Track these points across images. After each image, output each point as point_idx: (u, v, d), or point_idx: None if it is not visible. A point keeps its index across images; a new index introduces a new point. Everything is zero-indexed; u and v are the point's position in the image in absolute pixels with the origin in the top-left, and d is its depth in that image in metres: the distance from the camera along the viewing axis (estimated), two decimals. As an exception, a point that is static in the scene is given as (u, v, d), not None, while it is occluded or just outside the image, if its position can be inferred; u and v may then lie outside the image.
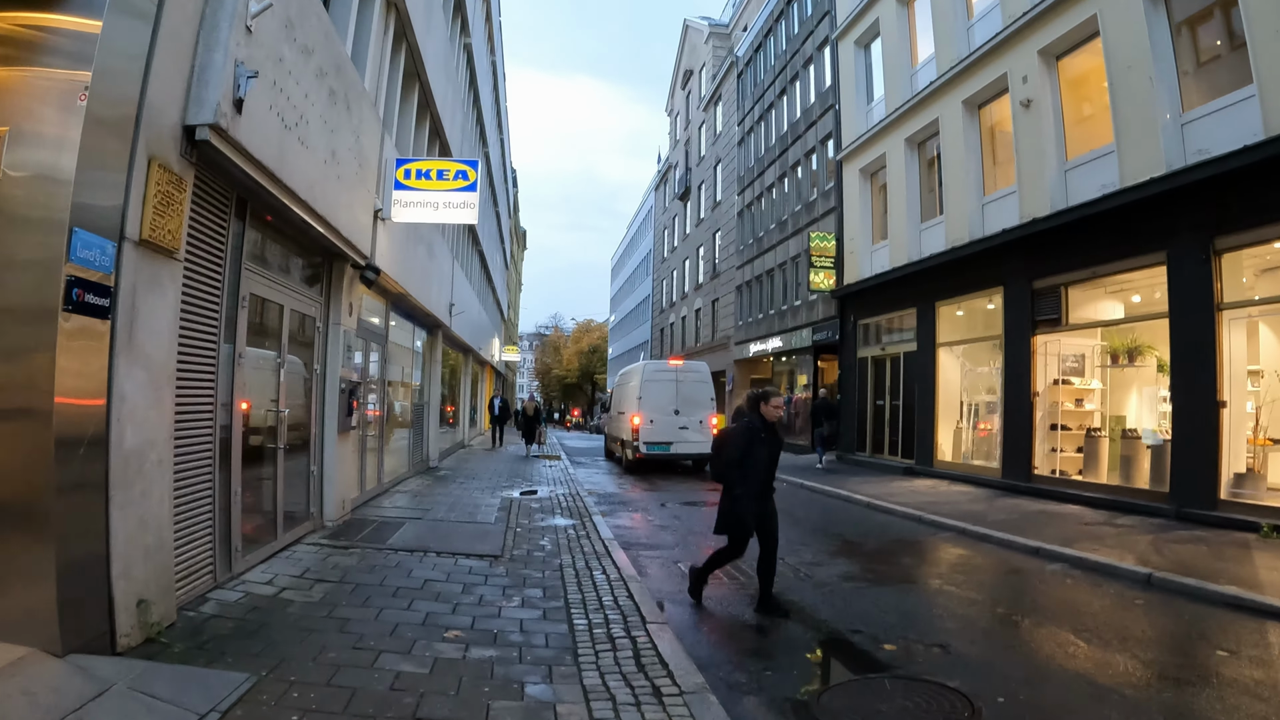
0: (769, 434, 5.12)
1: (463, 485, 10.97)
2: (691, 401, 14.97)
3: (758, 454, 4.99)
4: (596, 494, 11.28)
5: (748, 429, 5.04)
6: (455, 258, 14.63)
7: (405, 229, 9.07)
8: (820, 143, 19.27)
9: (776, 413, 5.16)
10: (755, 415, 5.12)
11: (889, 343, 15.83)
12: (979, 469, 12.75)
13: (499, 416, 20.93)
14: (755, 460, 4.98)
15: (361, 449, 8.50)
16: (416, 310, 11.15)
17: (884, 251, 16.03)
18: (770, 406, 5.14)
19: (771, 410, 5.14)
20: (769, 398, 5.19)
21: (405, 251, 9.19)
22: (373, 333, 8.88)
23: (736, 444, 5.03)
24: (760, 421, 5.09)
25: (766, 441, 5.08)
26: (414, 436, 11.93)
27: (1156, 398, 10.12)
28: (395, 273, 8.62)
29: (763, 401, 5.16)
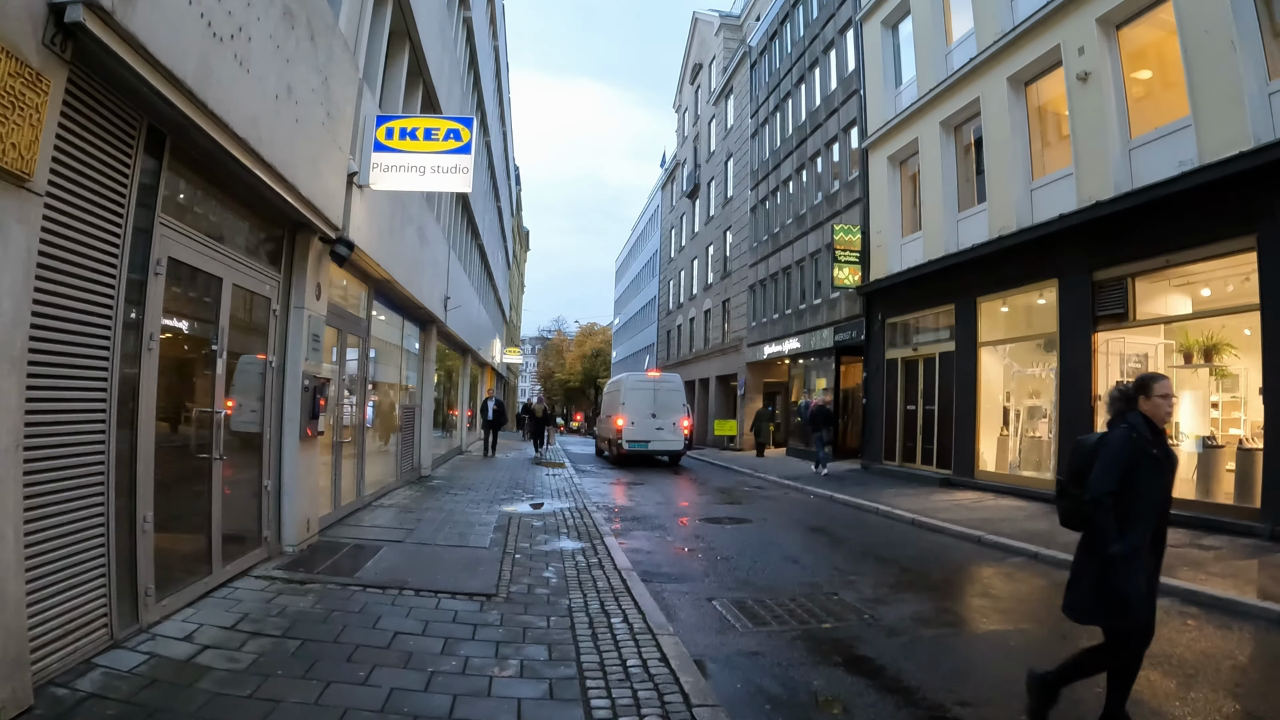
0: (1161, 449, 3.04)
1: (456, 498, 9.77)
2: (666, 407, 17.37)
3: (1149, 483, 2.94)
4: (607, 508, 10.07)
5: (1128, 440, 2.98)
6: (452, 248, 13.46)
7: (390, 203, 7.90)
8: (843, 131, 18.10)
9: (1168, 410, 3.07)
10: (1136, 415, 3.06)
11: (922, 342, 14.61)
12: (1028, 481, 11.52)
13: (493, 420, 17.45)
14: (1146, 492, 2.94)
15: (335, 457, 7.30)
16: (406, 302, 9.97)
17: (916, 244, 14.83)
18: (1157, 398, 3.05)
19: (1160, 406, 3.05)
20: (1152, 384, 3.07)
21: (390, 229, 8.02)
22: (350, 322, 7.69)
23: (1112, 465, 2.94)
24: (1147, 427, 3.03)
25: (1160, 463, 3.00)
26: (403, 442, 10.73)
27: (1235, 400, 8.97)
28: (377, 253, 7.44)
29: (1143, 394, 3.08)
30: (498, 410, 17.54)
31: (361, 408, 8.20)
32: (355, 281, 7.86)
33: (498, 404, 17.79)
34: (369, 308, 8.33)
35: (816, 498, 11.99)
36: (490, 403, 17.64)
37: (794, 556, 7.08)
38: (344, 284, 7.65)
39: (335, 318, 7.07)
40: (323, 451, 6.97)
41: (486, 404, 17.81)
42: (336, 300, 7.22)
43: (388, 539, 6.61)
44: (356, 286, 8.04)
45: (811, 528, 8.97)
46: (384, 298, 9.22)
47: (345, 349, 7.51)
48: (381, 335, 10.03)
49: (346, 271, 7.42)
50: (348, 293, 7.82)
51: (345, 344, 7.43)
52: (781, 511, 10.41)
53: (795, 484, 13.52)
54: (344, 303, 7.56)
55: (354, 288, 8.00)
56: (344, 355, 7.46)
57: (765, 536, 8.19)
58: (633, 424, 17.11)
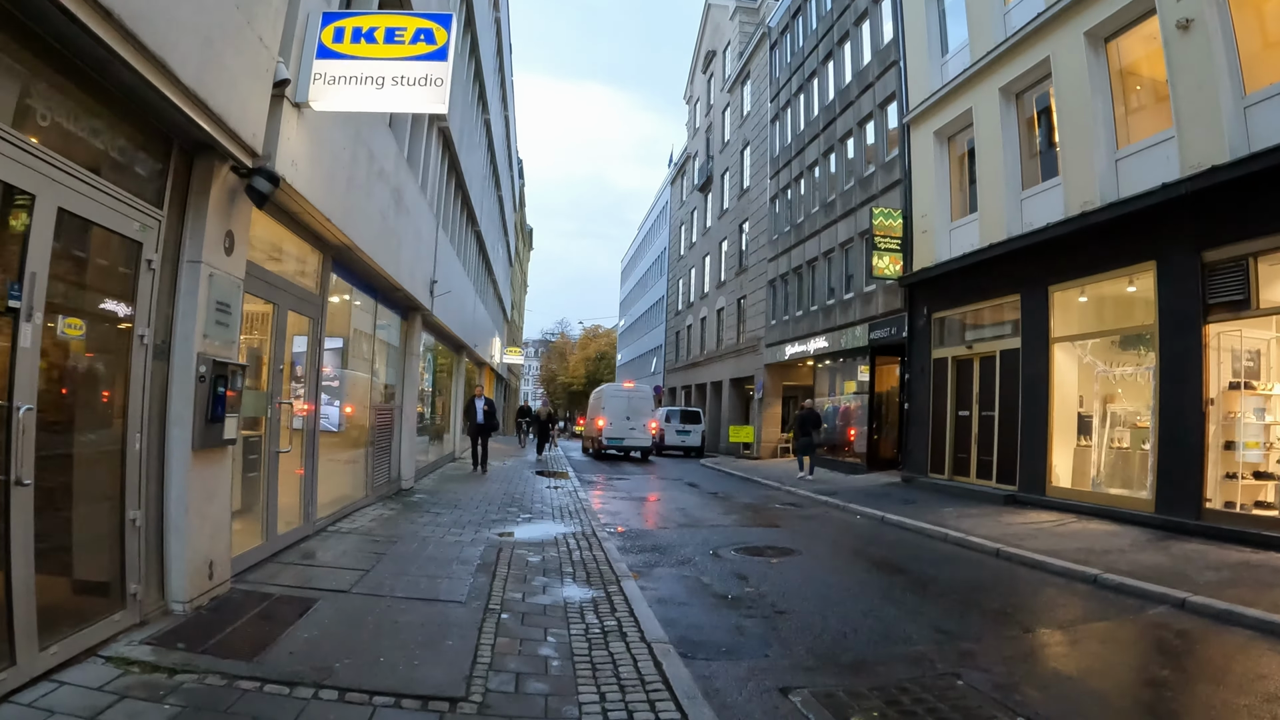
0: None
1: (438, 519, 8.00)
2: (638, 412, 21.32)
3: None
4: (618, 530, 8.28)
5: None
6: (441, 226, 11.73)
7: (350, 144, 6.16)
8: (879, 107, 16.35)
9: None
10: None
11: (978, 339, 12.81)
12: (1118, 500, 9.71)
13: (483, 424, 13.61)
14: None
15: (268, 471, 5.54)
16: (379, 281, 8.23)
17: (969, 228, 13.06)
18: None
19: None
20: None
21: (351, 180, 6.27)
22: (296, 297, 5.94)
23: None
24: None
25: None
26: (377, 450, 8.97)
27: None
28: (330, 205, 5.70)
29: None
30: (489, 412, 13.70)
31: (313, 407, 6.44)
32: (302, 244, 6.12)
33: (488, 404, 13.77)
34: (325, 281, 6.58)
35: (864, 518, 10.19)
36: (479, 403, 13.58)
37: (872, 608, 5.31)
38: (284, 246, 5.91)
39: (266, 286, 5.32)
40: (245, 466, 5.22)
41: (474, 404, 13.63)
42: (268, 262, 5.47)
43: (329, 586, 4.83)
44: (305, 251, 6.30)
45: (876, 561, 7.19)
46: (348, 272, 7.48)
47: (286, 331, 5.75)
48: (348, 319, 8.29)
49: (287, 228, 5.68)
50: (289, 256, 6.08)
51: (283, 323, 5.68)
52: (829, 537, 8.62)
53: (833, 499, 11.73)
54: (282, 268, 5.82)
55: (302, 252, 6.26)
56: (284, 337, 5.70)
57: (823, 575, 6.40)
58: (611, 425, 21.07)
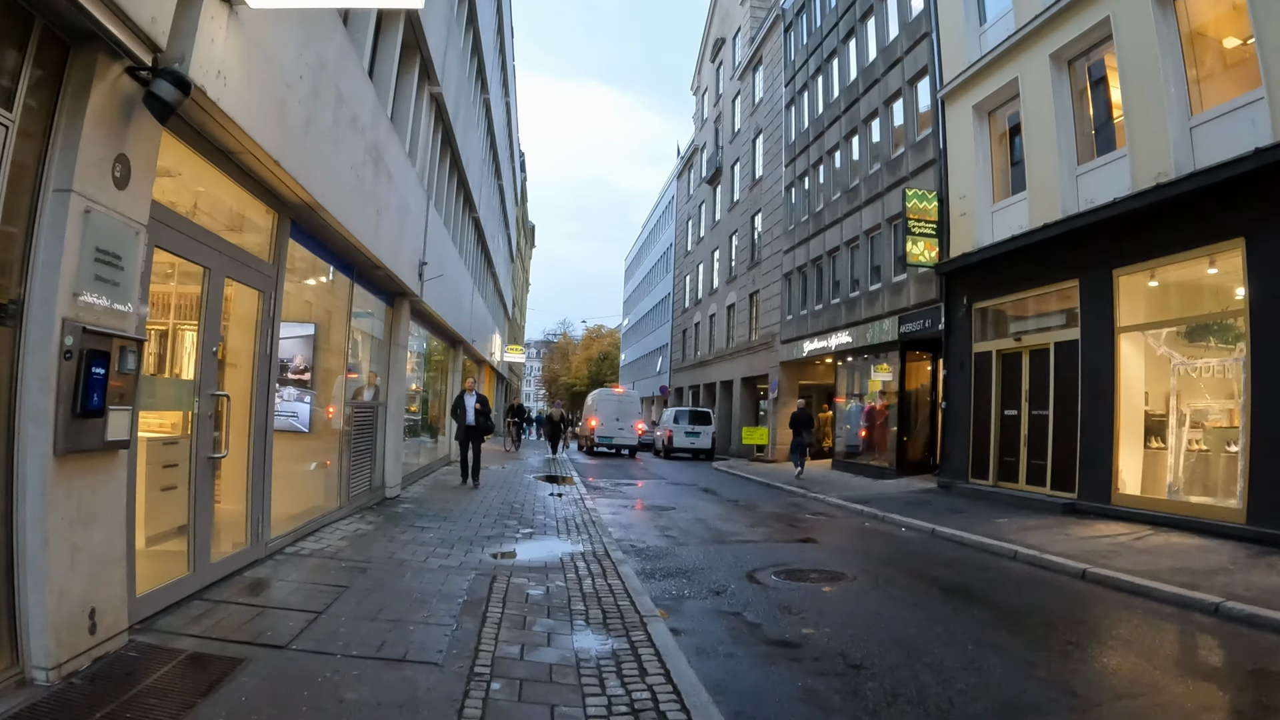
0: None
1: (422, 535, 6.80)
2: (626, 414, 23.32)
3: None
4: (636, 551, 7.07)
5: None
6: (434, 204, 10.55)
7: (311, 76, 4.97)
8: (908, 84, 15.16)
9: None
10: None
11: (1027, 330, 11.59)
12: (1200, 510, 8.49)
13: (474, 426, 11.26)
14: None
15: (197, 482, 4.34)
16: (354, 255, 7.05)
17: (1016, 209, 11.85)
18: None
19: None
20: None
21: (310, 117, 5.08)
22: (239, 264, 4.75)
23: None
24: None
25: None
26: (355, 453, 7.77)
27: None
28: (279, 145, 4.50)
29: None
30: (481, 412, 11.20)
31: (263, 403, 5.24)
32: (249, 198, 4.93)
33: (481, 402, 11.24)
34: (280, 248, 5.39)
35: (911, 532, 8.98)
36: (469, 399, 11.15)
37: (969, 657, 4.12)
38: (224, 197, 4.73)
39: (193, 244, 4.14)
40: (164, 475, 4.04)
41: (462, 400, 11.24)
42: (200, 215, 4.29)
43: (265, 638, 3.64)
44: (254, 208, 5.11)
45: (944, 587, 5.99)
46: (315, 243, 6.29)
47: (221, 303, 4.56)
48: (317, 301, 7.12)
49: (226, 173, 4.48)
50: (230, 211, 4.90)
51: (218, 293, 4.48)
52: (878, 555, 7.42)
53: (867, 508, 10.51)
54: (219, 223, 4.64)
55: (249, 208, 5.07)
56: (217, 312, 4.51)
57: (890, 609, 5.20)
58: (602, 425, 23.22)
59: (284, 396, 7.42)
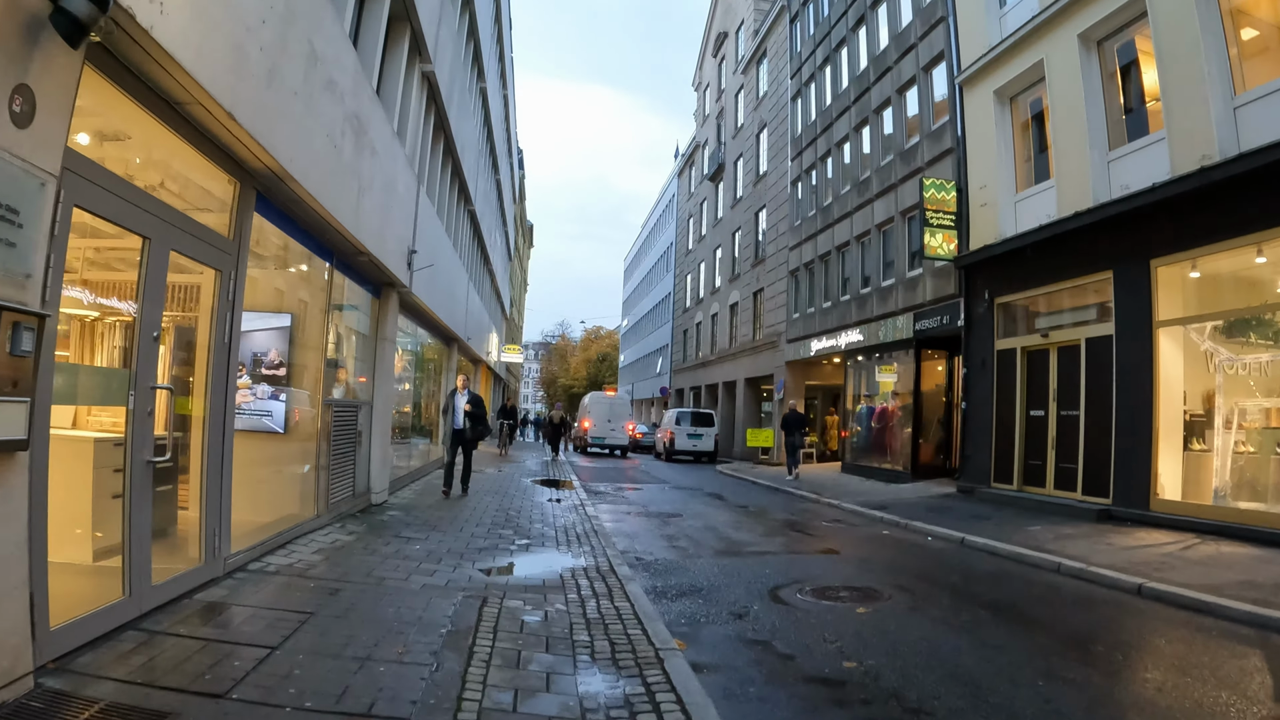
0: None
1: (406, 547, 6.13)
2: (618, 415, 24.66)
3: None
4: (644, 565, 6.40)
5: None
6: (426, 190, 9.89)
7: (278, 23, 4.30)
8: (923, 70, 14.53)
9: None
10: None
11: (1055, 326, 10.95)
12: (1251, 517, 7.85)
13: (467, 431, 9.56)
14: None
15: (134, 491, 3.68)
16: (333, 237, 6.38)
17: (1042, 198, 11.22)
18: None
19: None
20: None
21: (274, 69, 4.42)
22: (185, 232, 4.08)
23: None
24: None
25: None
26: (335, 456, 7.09)
27: None
28: (232, 94, 3.84)
29: None
30: (474, 415, 9.55)
31: (220, 398, 4.58)
32: (204, 161, 4.27)
33: (474, 403, 9.61)
34: (243, 223, 4.73)
35: (939, 541, 8.33)
36: (459, 399, 9.57)
37: (1043, 697, 3.50)
38: (172, 159, 4.07)
39: (128, 207, 3.47)
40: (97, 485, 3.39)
41: (453, 400, 9.70)
42: (139, 175, 3.63)
43: (201, 684, 2.97)
44: (210, 174, 4.45)
45: (990, 607, 5.34)
46: (286, 220, 5.63)
47: (164, 279, 3.90)
48: (292, 289, 6.47)
49: (174, 129, 3.82)
50: (178, 175, 4.25)
51: (161, 268, 3.82)
52: (909, 569, 6.76)
53: (887, 515, 9.86)
54: (163, 187, 3.98)
55: (203, 173, 4.42)
56: (160, 289, 3.85)
57: (938, 635, 4.54)
58: (594, 426, 24.47)
59: (257, 394, 6.77)
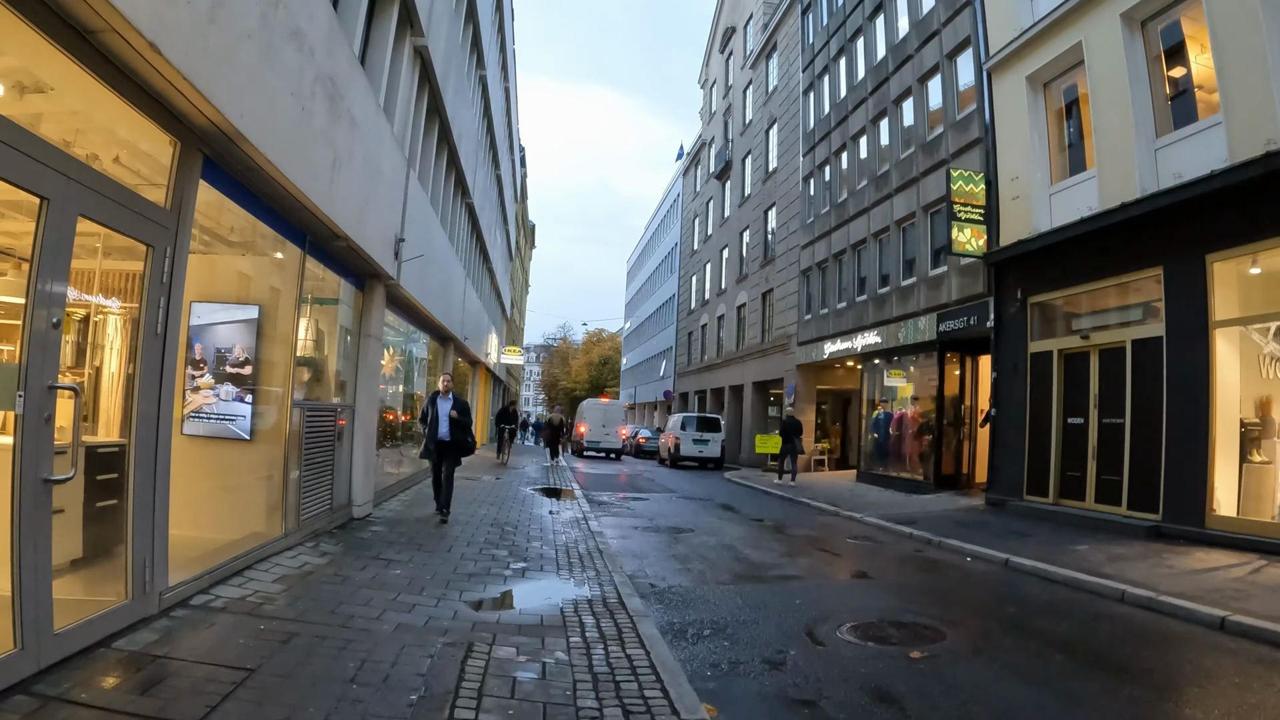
0: None
1: (384, 573, 5.34)
2: (611, 420, 26.43)
3: None
4: (655, 592, 5.60)
5: None
6: (418, 176, 9.13)
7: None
8: (946, 58, 13.77)
9: None
10: None
11: (1097, 327, 10.15)
12: (1331, 542, 7.05)
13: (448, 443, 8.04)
14: None
15: (25, 517, 2.89)
16: (303, 218, 5.60)
17: (1080, 190, 10.43)
18: None
19: None
20: None
21: (222, 9, 3.65)
22: (100, 194, 3.30)
23: None
24: None
25: None
26: (309, 466, 6.31)
27: None
28: (157, 23, 3.07)
29: None
30: (459, 422, 8.01)
31: (151, 400, 3.79)
32: (131, 111, 3.50)
33: (460, 409, 8.03)
34: (183, 189, 3.96)
35: (980, 562, 7.52)
36: (443, 404, 7.99)
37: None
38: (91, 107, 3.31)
39: (15, 156, 2.70)
40: None
41: (434, 405, 8.02)
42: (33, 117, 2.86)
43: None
44: (141, 130, 3.69)
45: (1067, 648, 4.55)
46: (243, 192, 4.86)
47: (68, 252, 3.12)
48: (260, 276, 5.71)
49: (88, 66, 3.05)
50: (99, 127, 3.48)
51: (64, 237, 3.04)
52: (959, 599, 5.97)
53: (916, 531, 9.07)
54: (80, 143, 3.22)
55: (132, 128, 3.65)
56: (61, 262, 3.07)
57: (1016, 690, 3.75)
58: (590, 430, 26.23)
59: (220, 394, 6.02)
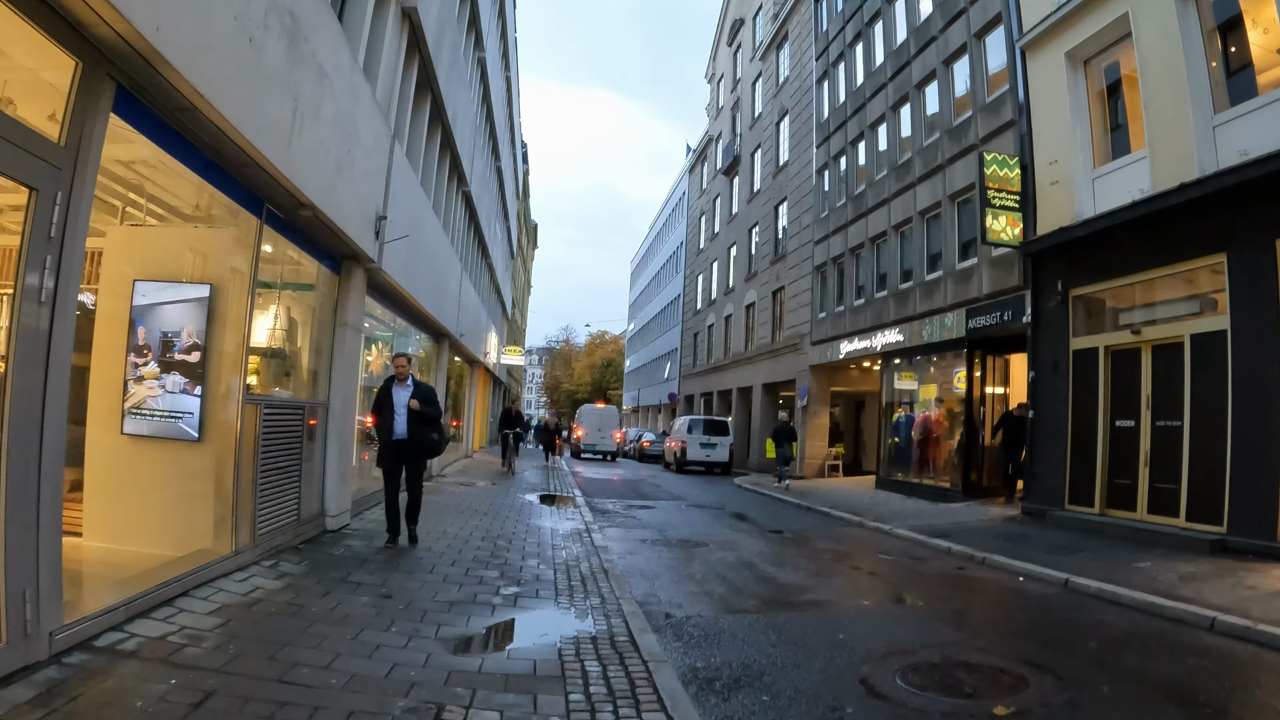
0: None
1: (347, 604, 4.48)
2: (606, 425, 27.82)
3: None
4: (671, 625, 4.72)
5: None
6: (404, 149, 8.31)
7: None
8: (974, 37, 12.93)
9: None
10: None
11: (1149, 320, 9.27)
12: None
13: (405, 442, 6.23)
14: None
15: None
16: (253, 172, 4.75)
17: (1128, 172, 9.57)
18: None
19: None
20: None
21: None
22: None
23: None
24: None
25: None
26: (269, 471, 5.46)
27: None
28: None
29: None
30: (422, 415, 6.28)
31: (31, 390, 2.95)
32: (13, 15, 2.66)
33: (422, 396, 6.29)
34: (85, 121, 3.12)
35: (1036, 582, 6.63)
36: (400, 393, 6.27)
37: None
38: None
39: None
40: None
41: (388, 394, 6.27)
42: None
43: None
44: (28, 42, 2.85)
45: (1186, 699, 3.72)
46: (173, 137, 4.01)
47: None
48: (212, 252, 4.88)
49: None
50: None
51: None
52: (1029, 632, 5.10)
53: (956, 546, 8.20)
54: None
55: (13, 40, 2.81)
56: None
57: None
58: (586, 434, 27.52)
59: (167, 386, 5.20)
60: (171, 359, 5.17)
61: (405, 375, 6.33)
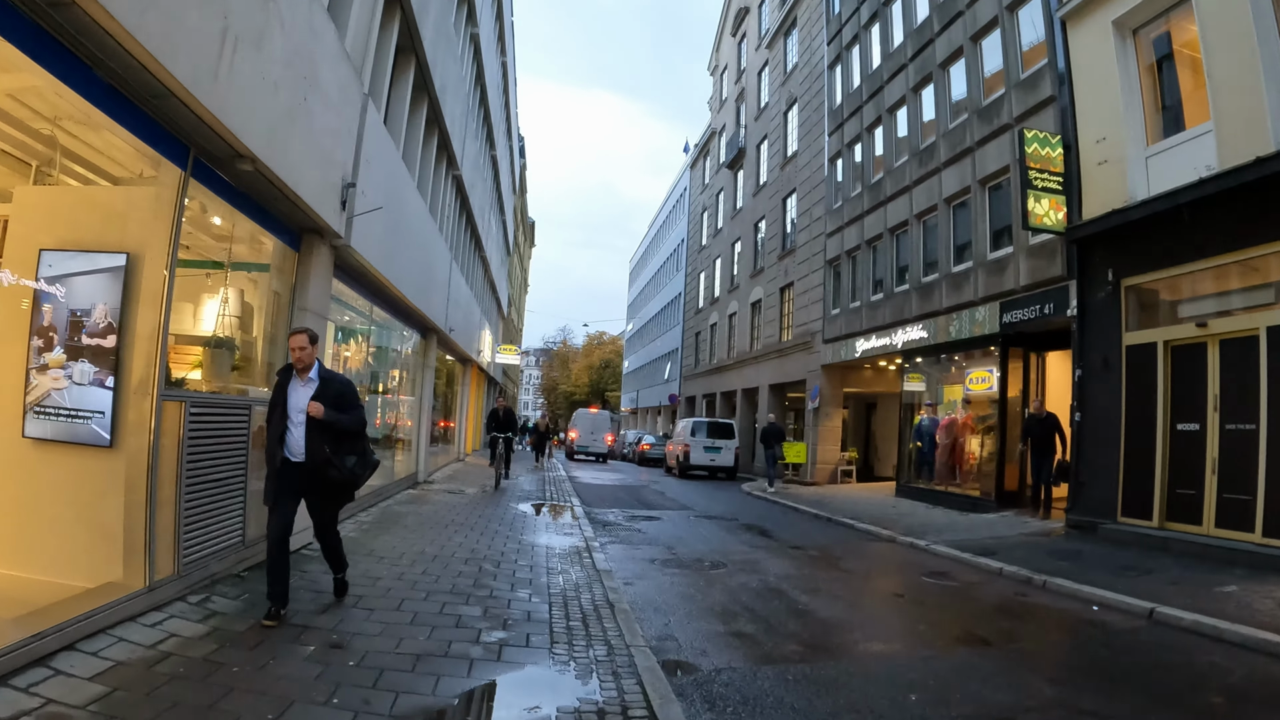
0: None
1: (275, 662, 3.50)
2: (599, 428, 29.60)
3: None
4: (697, 686, 3.73)
5: None
6: (382, 115, 7.33)
7: None
8: (1006, 10, 11.97)
9: None
10: None
11: (1217, 312, 8.31)
12: None
13: (309, 466, 4.08)
14: None
15: None
16: (170, 103, 3.77)
17: (1189, 149, 8.60)
18: None
19: None
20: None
21: None
22: None
23: None
24: None
25: None
26: (200, 483, 4.48)
27: None
28: None
29: None
30: (328, 427, 4.08)
31: None
32: None
33: (339, 395, 4.15)
34: None
35: (1116, 613, 5.64)
36: (298, 391, 4.14)
37: None
38: None
39: None
40: None
41: (285, 392, 4.14)
42: None
43: None
44: None
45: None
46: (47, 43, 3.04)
47: None
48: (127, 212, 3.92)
49: None
50: None
51: None
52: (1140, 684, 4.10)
53: (1007, 567, 7.21)
54: None
55: None
56: None
57: None
58: (580, 437, 28.95)
59: (74, 377, 4.25)
60: (80, 343, 4.20)
61: (307, 363, 4.12)
